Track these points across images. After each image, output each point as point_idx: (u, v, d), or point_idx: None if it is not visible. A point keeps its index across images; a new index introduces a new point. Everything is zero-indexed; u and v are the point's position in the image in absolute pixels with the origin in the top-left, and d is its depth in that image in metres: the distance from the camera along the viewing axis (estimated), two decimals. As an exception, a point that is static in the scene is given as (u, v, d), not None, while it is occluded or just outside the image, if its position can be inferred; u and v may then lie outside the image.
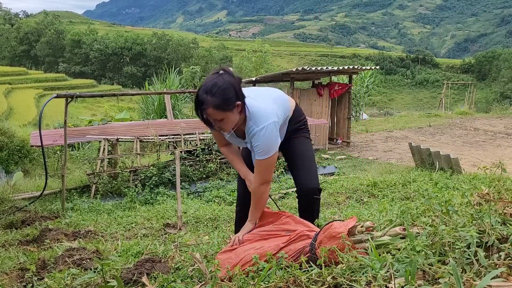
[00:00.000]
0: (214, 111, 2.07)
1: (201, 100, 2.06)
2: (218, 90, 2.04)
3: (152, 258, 2.79)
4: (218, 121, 2.11)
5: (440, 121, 14.77)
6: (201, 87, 2.08)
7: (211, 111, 2.07)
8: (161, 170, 6.35)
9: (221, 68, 2.13)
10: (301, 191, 2.54)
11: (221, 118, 2.10)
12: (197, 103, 2.08)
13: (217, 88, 2.04)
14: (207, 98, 2.04)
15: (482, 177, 4.78)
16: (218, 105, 2.05)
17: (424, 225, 1.80)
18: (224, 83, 2.06)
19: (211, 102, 2.04)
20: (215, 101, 2.05)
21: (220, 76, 2.08)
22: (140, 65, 64.10)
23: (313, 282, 1.60)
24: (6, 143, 8.97)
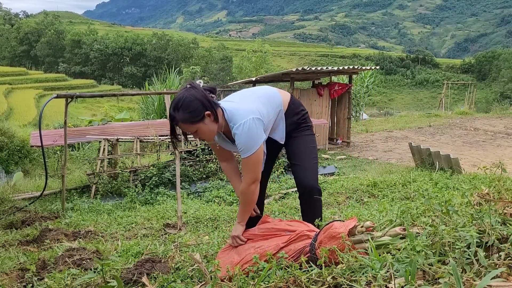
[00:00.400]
0: (184, 125, 2.18)
1: (171, 117, 2.17)
2: (183, 105, 2.14)
3: (152, 258, 2.79)
4: (194, 133, 2.21)
5: (440, 121, 14.77)
6: (171, 104, 2.19)
7: (182, 125, 2.18)
8: (161, 170, 6.35)
9: (188, 83, 2.23)
10: (299, 189, 2.54)
11: (194, 130, 2.19)
12: (169, 120, 2.20)
13: (181, 103, 2.14)
14: (175, 114, 2.15)
15: (482, 177, 4.78)
16: (185, 119, 2.15)
17: (424, 225, 1.80)
18: (188, 97, 2.14)
19: (179, 117, 2.15)
20: (182, 116, 2.15)
21: (186, 91, 2.17)
22: (140, 65, 64.10)
23: (313, 282, 1.60)
24: (6, 143, 8.97)
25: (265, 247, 2.09)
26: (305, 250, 1.98)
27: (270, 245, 2.09)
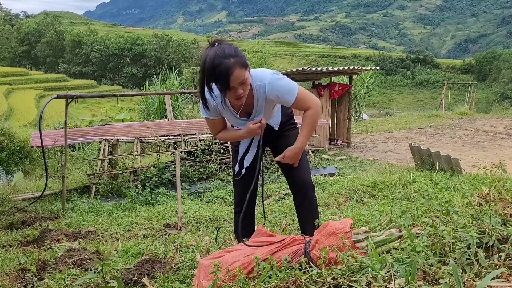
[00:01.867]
0: (241, 71, 2.01)
1: (225, 67, 1.96)
2: (236, 50, 2.01)
3: (153, 259, 2.80)
4: (242, 84, 2.05)
5: (441, 122, 14.77)
6: (214, 59, 1.97)
7: (238, 71, 1.99)
8: (161, 170, 6.35)
9: (214, 40, 2.08)
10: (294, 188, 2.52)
11: (245, 78, 2.04)
12: (221, 73, 1.97)
13: (232, 49, 2.00)
14: (231, 61, 1.97)
15: (483, 178, 4.78)
16: (243, 63, 2.01)
17: (424, 225, 1.80)
18: (232, 45, 2.04)
19: (237, 62, 1.98)
20: (239, 60, 2.00)
21: (222, 44, 2.03)
22: (140, 66, 64.13)
23: (313, 283, 1.60)
24: (7, 143, 8.98)
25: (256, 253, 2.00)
26: (299, 253, 1.95)
27: (262, 252, 2.01)
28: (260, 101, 2.27)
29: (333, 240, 1.85)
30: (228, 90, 2.03)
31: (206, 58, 2.00)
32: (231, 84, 2.00)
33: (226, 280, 1.79)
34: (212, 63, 1.97)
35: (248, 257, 1.98)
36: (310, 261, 1.83)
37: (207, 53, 2.01)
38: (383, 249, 1.74)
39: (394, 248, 1.71)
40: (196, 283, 1.99)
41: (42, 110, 5.13)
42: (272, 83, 2.20)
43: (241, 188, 2.62)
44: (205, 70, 2.01)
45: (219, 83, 2.03)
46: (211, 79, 2.03)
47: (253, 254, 1.98)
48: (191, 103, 17.53)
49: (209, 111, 2.29)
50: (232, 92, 2.05)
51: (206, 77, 2.03)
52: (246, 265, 1.91)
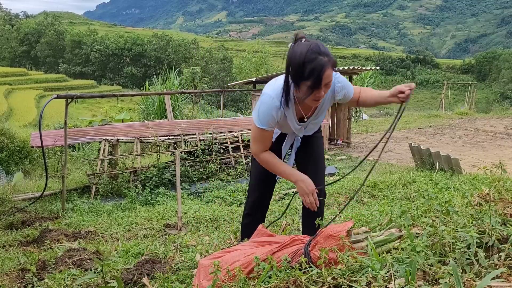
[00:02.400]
0: (331, 71, 1.91)
1: (319, 63, 1.84)
2: (327, 50, 1.90)
3: (152, 259, 2.80)
4: (326, 85, 1.94)
5: (440, 122, 14.77)
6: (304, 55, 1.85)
7: (329, 71, 1.89)
8: (161, 170, 6.35)
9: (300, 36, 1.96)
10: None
11: (331, 79, 1.95)
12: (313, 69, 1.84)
13: (326, 48, 1.90)
14: (325, 59, 1.86)
15: (483, 178, 4.78)
16: (334, 63, 1.91)
17: (424, 225, 1.80)
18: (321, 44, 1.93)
19: (329, 61, 1.88)
20: (331, 60, 1.89)
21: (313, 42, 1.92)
22: (140, 66, 64.10)
23: (313, 283, 1.60)
24: (7, 143, 8.97)
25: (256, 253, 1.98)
26: (299, 253, 1.95)
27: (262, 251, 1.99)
28: (325, 102, 2.18)
29: (332, 242, 1.85)
30: (316, 88, 1.90)
31: (296, 53, 1.88)
32: (322, 83, 1.89)
33: (226, 280, 1.79)
34: (304, 59, 1.85)
35: (248, 257, 1.97)
36: (310, 261, 1.83)
37: (296, 48, 1.90)
38: (383, 249, 1.74)
39: (394, 248, 1.71)
40: (196, 283, 1.99)
41: (42, 110, 5.13)
42: (338, 79, 2.14)
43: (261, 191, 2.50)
44: (294, 65, 1.88)
45: (309, 80, 1.88)
46: (300, 76, 1.89)
47: (253, 254, 1.97)
48: (191, 103, 17.54)
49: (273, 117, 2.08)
50: (316, 92, 1.93)
51: (295, 73, 1.90)
52: (246, 265, 1.91)
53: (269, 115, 2.07)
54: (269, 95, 2.07)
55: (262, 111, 2.08)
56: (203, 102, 24.86)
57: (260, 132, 2.13)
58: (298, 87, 1.95)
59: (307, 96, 1.96)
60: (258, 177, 2.48)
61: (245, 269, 1.88)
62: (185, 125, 8.07)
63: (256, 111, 2.12)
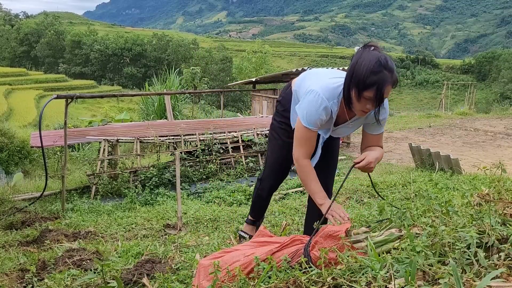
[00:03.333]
0: (390, 89, 1.87)
1: (385, 78, 1.82)
2: (393, 65, 1.87)
3: (152, 259, 2.80)
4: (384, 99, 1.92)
5: (440, 122, 14.77)
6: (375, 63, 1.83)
7: (389, 88, 1.86)
8: (161, 171, 6.35)
9: (372, 44, 1.93)
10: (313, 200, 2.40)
11: (387, 96, 1.92)
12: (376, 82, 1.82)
13: (391, 63, 1.86)
14: (387, 75, 1.83)
15: (482, 178, 4.78)
16: (395, 82, 1.88)
17: (424, 225, 1.80)
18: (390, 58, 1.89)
19: (392, 78, 1.85)
20: (394, 78, 1.86)
21: (380, 52, 1.89)
22: (140, 66, 64.13)
23: (313, 283, 1.60)
24: (6, 144, 8.98)
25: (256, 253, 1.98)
26: (299, 253, 1.95)
27: (262, 251, 1.99)
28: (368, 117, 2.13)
29: (331, 242, 1.85)
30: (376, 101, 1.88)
31: (364, 60, 1.86)
32: (378, 96, 1.86)
33: (226, 280, 1.79)
34: (371, 68, 1.83)
35: (248, 257, 1.97)
36: (310, 261, 1.83)
37: (365, 55, 1.88)
38: (383, 249, 1.74)
39: (394, 248, 1.71)
40: (196, 283, 1.99)
41: (42, 110, 5.13)
42: (385, 106, 2.05)
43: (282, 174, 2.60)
44: (360, 72, 1.86)
45: (369, 90, 1.85)
46: (362, 83, 1.86)
47: (253, 255, 1.98)
48: (191, 103, 17.54)
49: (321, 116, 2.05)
50: (365, 103, 1.91)
51: (358, 80, 1.87)
52: (246, 265, 1.91)
53: (318, 114, 2.02)
54: (319, 94, 2.01)
55: (311, 109, 2.02)
56: (203, 102, 24.86)
57: (306, 132, 2.07)
58: (356, 95, 1.91)
59: (358, 105, 1.93)
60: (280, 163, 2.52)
61: (245, 269, 1.88)
62: (185, 125, 8.07)
63: (304, 110, 2.05)
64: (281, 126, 2.43)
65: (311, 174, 2.15)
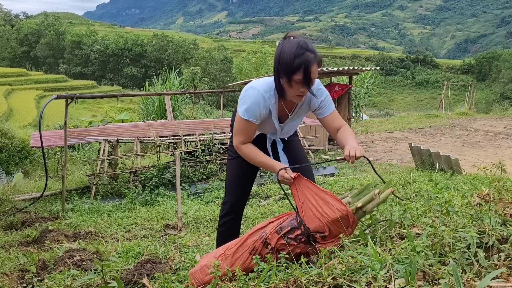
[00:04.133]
0: (316, 68, 1.99)
1: (307, 58, 1.94)
2: (313, 47, 1.98)
3: (152, 259, 2.80)
4: (312, 81, 2.02)
5: (440, 122, 14.77)
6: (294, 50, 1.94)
7: (315, 68, 1.98)
8: (161, 171, 6.35)
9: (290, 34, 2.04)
10: None
11: (316, 77, 2.03)
12: (302, 65, 1.93)
13: (311, 45, 1.98)
14: (311, 56, 1.95)
15: (482, 178, 4.78)
16: (319, 61, 2.00)
17: (424, 225, 1.81)
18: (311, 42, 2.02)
19: (316, 58, 1.97)
20: (318, 57, 1.98)
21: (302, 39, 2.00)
22: (140, 66, 64.13)
23: (313, 283, 1.60)
24: (6, 144, 8.98)
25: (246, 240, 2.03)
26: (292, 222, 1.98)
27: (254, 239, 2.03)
28: (304, 105, 2.24)
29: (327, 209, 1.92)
30: (306, 82, 1.98)
31: (285, 48, 1.97)
32: (309, 77, 1.97)
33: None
34: (293, 53, 1.94)
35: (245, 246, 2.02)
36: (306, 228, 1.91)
37: (286, 44, 1.99)
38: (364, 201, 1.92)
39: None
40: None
41: (42, 110, 5.13)
42: (320, 88, 2.20)
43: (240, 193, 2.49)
44: (283, 60, 1.97)
45: (297, 73, 1.97)
46: (288, 70, 1.97)
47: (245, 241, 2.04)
48: (191, 103, 17.54)
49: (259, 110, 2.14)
50: (298, 87, 2.01)
51: (284, 67, 1.98)
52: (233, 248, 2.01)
53: (256, 107, 2.13)
54: (256, 88, 2.13)
55: (249, 103, 2.13)
56: (203, 102, 24.87)
57: (245, 124, 2.17)
58: (287, 81, 2.02)
59: (291, 90, 2.04)
60: (236, 182, 2.47)
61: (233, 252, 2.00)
62: (185, 126, 8.07)
63: (242, 103, 2.16)
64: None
65: (255, 151, 2.23)
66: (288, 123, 2.30)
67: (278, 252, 1.97)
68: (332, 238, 1.94)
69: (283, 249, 1.97)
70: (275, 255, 1.96)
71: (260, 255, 1.97)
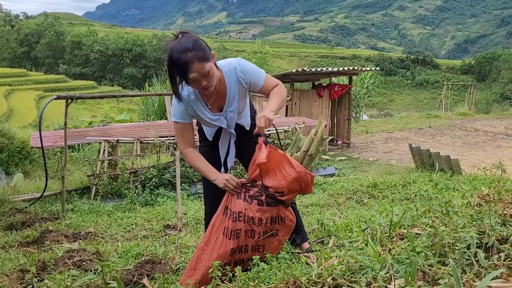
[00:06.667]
0: (200, 65, 1.99)
1: (184, 61, 1.97)
2: (194, 44, 2.00)
3: (153, 260, 2.80)
4: (205, 76, 2.04)
5: (440, 122, 14.77)
6: (172, 54, 1.99)
7: (197, 65, 1.99)
8: (161, 171, 6.35)
9: (179, 32, 2.08)
10: None
11: (205, 70, 2.02)
12: (179, 68, 1.99)
13: (191, 43, 1.99)
14: (188, 55, 1.97)
15: (482, 178, 4.78)
16: (201, 57, 1.99)
17: (424, 226, 1.81)
18: (193, 37, 2.04)
19: (195, 56, 1.97)
20: (198, 54, 1.99)
21: (183, 37, 2.03)
22: (140, 67, 64.14)
23: (313, 283, 1.60)
24: (6, 144, 8.97)
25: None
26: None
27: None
28: (232, 89, 2.24)
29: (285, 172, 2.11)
30: (189, 83, 2.06)
31: (167, 54, 2.04)
32: (191, 78, 2.01)
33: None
34: (171, 58, 2.01)
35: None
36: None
37: (168, 47, 2.04)
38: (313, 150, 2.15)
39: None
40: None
41: (42, 111, 5.13)
42: (241, 65, 2.23)
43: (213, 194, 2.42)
44: (167, 66, 2.06)
45: (179, 77, 2.08)
46: (173, 74, 2.07)
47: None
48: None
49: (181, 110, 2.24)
50: (195, 84, 2.07)
51: (170, 71, 2.07)
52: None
53: (178, 108, 2.25)
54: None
55: (173, 105, 2.27)
56: (203, 102, 24.84)
57: (176, 126, 2.31)
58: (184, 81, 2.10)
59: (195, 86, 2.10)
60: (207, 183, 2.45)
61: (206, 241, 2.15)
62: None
63: (172, 107, 2.31)
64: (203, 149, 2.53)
65: (197, 157, 2.33)
66: (227, 109, 2.29)
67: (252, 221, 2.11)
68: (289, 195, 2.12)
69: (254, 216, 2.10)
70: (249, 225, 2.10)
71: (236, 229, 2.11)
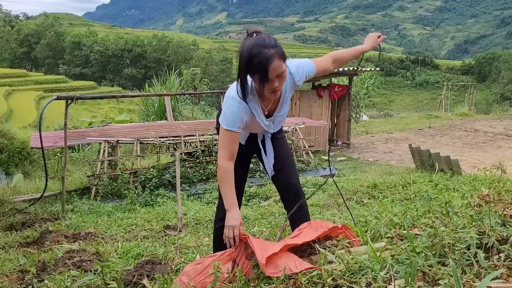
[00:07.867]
0: (280, 62, 1.93)
1: (266, 56, 1.88)
2: (276, 42, 1.95)
3: (152, 260, 2.80)
4: (279, 77, 1.97)
5: (440, 123, 14.77)
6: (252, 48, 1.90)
7: (277, 62, 1.92)
8: (161, 172, 6.34)
9: (253, 31, 2.01)
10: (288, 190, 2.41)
11: (283, 70, 1.96)
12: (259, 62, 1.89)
13: (273, 40, 1.95)
14: (271, 51, 1.90)
15: (482, 179, 4.78)
16: (282, 55, 1.94)
17: (424, 226, 1.81)
18: (271, 36, 1.98)
19: (276, 53, 1.91)
20: (279, 51, 1.93)
21: (262, 34, 1.97)
22: (140, 67, 64.11)
23: (313, 284, 1.60)
24: (6, 145, 8.97)
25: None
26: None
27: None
28: (287, 92, 2.21)
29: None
30: (266, 81, 1.94)
31: (244, 48, 1.94)
32: (270, 75, 1.92)
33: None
34: (250, 53, 1.90)
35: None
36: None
37: (245, 43, 1.95)
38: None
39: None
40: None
41: (42, 111, 5.13)
42: (292, 65, 2.18)
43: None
44: (242, 60, 1.94)
45: (257, 74, 1.94)
46: (248, 70, 1.96)
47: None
48: (191, 104, 17.53)
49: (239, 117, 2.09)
50: (269, 84, 1.96)
51: (244, 68, 1.96)
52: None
53: (237, 115, 2.09)
54: (233, 97, 2.09)
55: (229, 112, 2.11)
56: (203, 103, 24.87)
57: (227, 134, 2.12)
58: (257, 81, 1.99)
59: (262, 89, 2.00)
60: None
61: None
62: (185, 126, 8.07)
63: (223, 115, 2.13)
64: None
65: (230, 178, 2.17)
66: (277, 114, 2.27)
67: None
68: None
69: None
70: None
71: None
